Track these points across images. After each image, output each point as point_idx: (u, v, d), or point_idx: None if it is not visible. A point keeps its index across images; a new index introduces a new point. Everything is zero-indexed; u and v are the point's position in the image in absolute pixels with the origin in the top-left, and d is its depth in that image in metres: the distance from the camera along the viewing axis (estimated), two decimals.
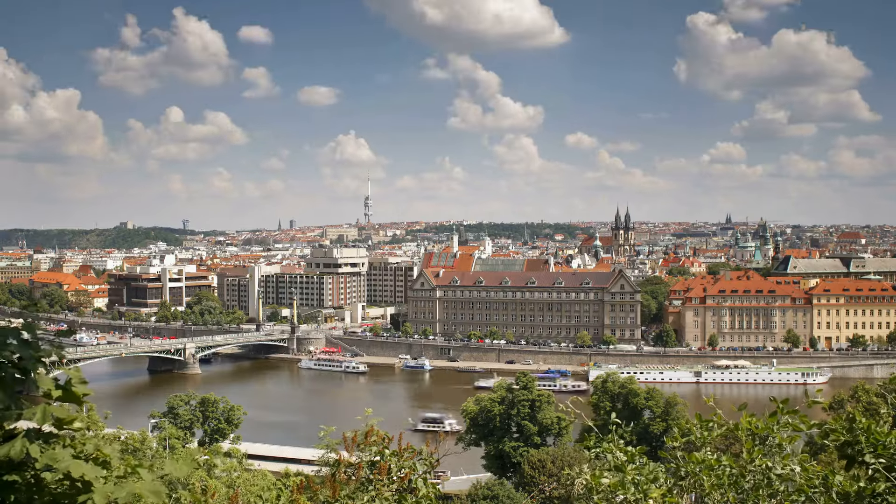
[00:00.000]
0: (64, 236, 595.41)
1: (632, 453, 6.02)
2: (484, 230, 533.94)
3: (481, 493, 53.49)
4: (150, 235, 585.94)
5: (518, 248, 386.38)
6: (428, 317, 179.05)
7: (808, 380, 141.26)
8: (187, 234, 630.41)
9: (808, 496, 5.25)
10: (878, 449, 5.14)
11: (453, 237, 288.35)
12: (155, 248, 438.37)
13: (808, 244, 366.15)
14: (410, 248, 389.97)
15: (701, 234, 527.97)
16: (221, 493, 15.74)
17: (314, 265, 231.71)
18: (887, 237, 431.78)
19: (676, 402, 70.49)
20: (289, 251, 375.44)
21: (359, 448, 6.89)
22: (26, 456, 3.46)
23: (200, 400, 79.81)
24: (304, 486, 6.82)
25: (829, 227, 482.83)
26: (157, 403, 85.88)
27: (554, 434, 68.60)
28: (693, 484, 5.71)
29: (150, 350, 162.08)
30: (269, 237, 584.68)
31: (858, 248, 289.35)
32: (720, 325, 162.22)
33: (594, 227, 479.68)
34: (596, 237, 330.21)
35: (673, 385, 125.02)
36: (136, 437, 41.66)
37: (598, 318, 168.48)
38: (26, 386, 3.72)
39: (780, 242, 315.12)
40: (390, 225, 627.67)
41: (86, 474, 3.46)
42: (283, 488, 24.54)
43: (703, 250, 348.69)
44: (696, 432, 5.97)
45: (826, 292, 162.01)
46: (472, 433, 69.82)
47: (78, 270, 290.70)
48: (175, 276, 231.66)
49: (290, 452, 79.25)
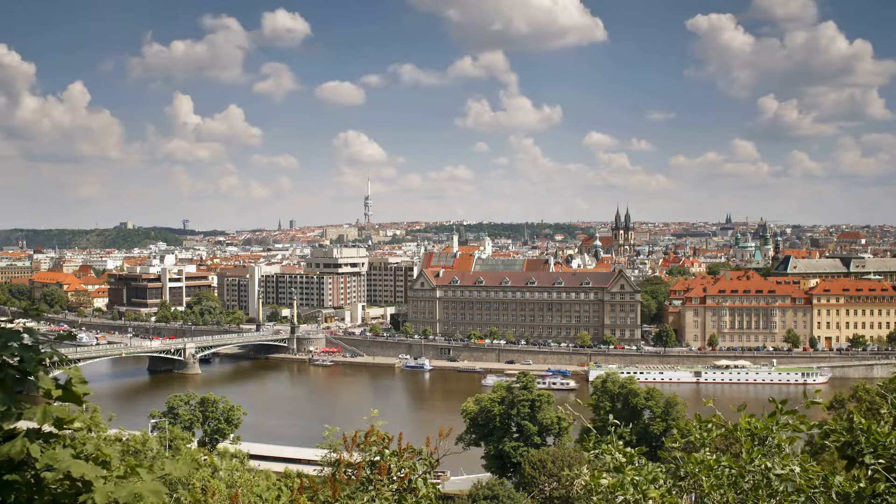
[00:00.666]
0: (64, 236, 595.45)
1: (631, 454, 6.02)
2: (484, 230, 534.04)
3: (481, 493, 53.49)
4: (150, 235, 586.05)
5: (518, 248, 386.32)
6: (428, 317, 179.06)
7: (808, 380, 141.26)
8: (187, 234, 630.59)
9: (807, 496, 5.25)
10: (878, 449, 5.15)
11: (453, 237, 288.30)
12: (155, 248, 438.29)
13: (808, 244, 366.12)
14: (410, 248, 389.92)
15: (701, 234, 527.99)
16: (222, 492, 15.73)
17: (314, 265, 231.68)
18: (887, 237, 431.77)
19: (676, 403, 70.47)
20: (289, 251, 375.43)
21: (359, 448, 6.90)
22: (27, 456, 3.47)
23: (200, 400, 79.77)
24: (305, 487, 6.83)
25: (829, 226, 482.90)
26: (158, 403, 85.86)
27: (554, 434, 68.59)
28: (692, 484, 5.72)
29: (150, 350, 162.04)
30: (269, 237, 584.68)
31: (858, 248, 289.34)
32: (720, 325, 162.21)
33: (594, 227, 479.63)
34: (596, 237, 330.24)
35: (673, 385, 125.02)
36: (137, 438, 41.61)
37: (598, 318, 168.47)
38: (27, 386, 3.72)
39: (780, 242, 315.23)
40: (390, 225, 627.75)
41: (86, 474, 3.46)
42: (283, 488, 24.52)
43: (703, 250, 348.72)
44: (696, 433, 5.97)
45: (826, 292, 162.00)
46: (472, 433, 69.76)
47: (78, 270, 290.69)
48: (175, 276, 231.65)
49: (290, 452, 79.27)
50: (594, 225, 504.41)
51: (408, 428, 26.75)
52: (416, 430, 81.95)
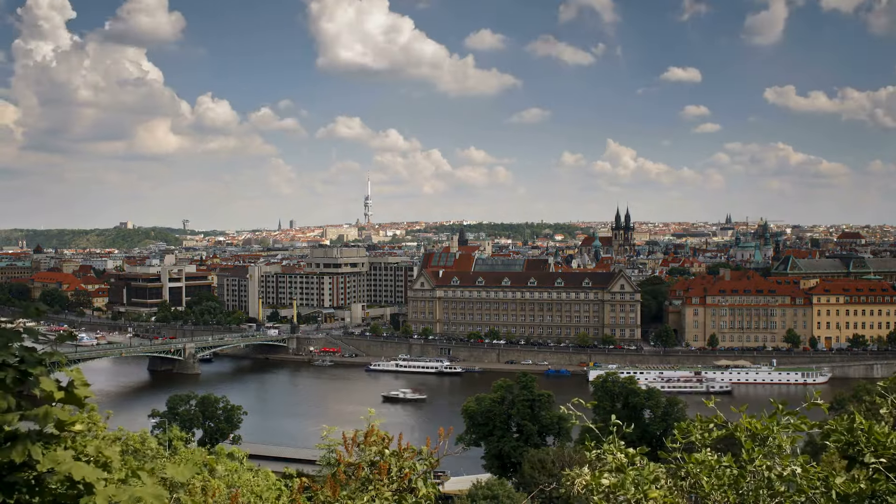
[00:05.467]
0: (64, 236, 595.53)
1: (632, 454, 6.01)
2: (484, 230, 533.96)
3: (481, 493, 53.42)
4: (150, 235, 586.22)
5: (518, 248, 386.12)
6: (428, 317, 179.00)
7: (807, 380, 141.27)
8: (187, 234, 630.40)
9: (808, 497, 5.24)
10: (878, 449, 5.14)
11: (453, 237, 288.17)
12: (155, 248, 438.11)
13: (808, 244, 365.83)
14: (410, 248, 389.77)
15: (701, 234, 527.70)
16: (222, 492, 15.70)
17: (314, 265, 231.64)
18: (887, 237, 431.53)
19: (676, 402, 70.50)
20: (289, 251, 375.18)
21: (359, 448, 6.89)
22: (28, 458, 3.46)
23: (200, 400, 79.79)
24: (305, 487, 6.82)
25: (829, 226, 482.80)
26: (158, 403, 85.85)
27: (554, 434, 68.54)
28: (693, 485, 5.71)
29: (150, 350, 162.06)
30: (269, 237, 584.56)
31: (858, 248, 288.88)
32: (720, 325, 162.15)
33: (594, 227, 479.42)
34: (596, 237, 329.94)
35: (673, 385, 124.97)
36: (137, 438, 41.61)
37: (598, 318, 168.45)
38: (27, 387, 3.72)
39: (780, 242, 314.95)
40: (390, 225, 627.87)
41: (87, 476, 3.46)
42: (283, 488, 24.51)
43: (703, 250, 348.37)
44: (696, 433, 5.97)
45: (826, 292, 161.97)
46: (472, 433, 69.69)
47: (78, 270, 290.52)
48: (175, 276, 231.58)
49: (290, 452, 79.24)
50: (594, 225, 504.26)
51: (408, 428, 26.67)
52: (418, 430, 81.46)
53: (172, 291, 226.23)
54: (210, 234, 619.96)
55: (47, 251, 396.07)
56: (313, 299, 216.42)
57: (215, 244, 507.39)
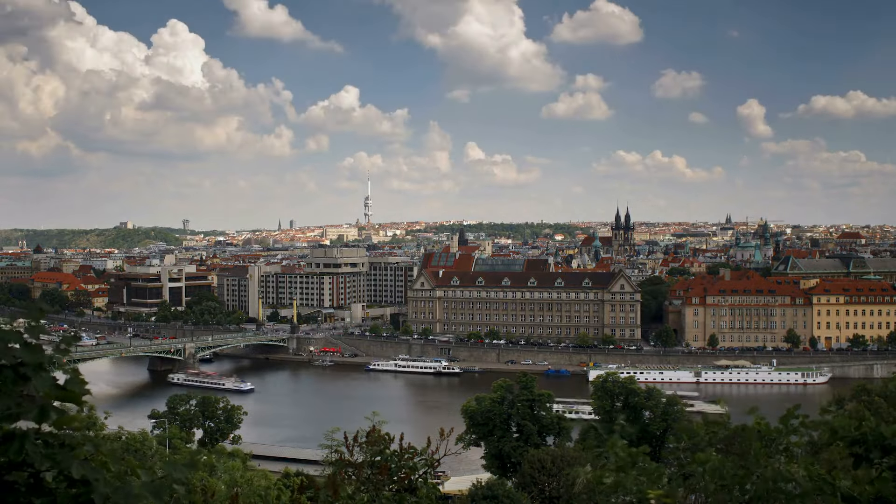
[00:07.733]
0: (64, 236, 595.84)
1: (634, 453, 5.98)
2: (484, 230, 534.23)
3: (481, 493, 53.42)
4: (150, 235, 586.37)
5: (518, 248, 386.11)
6: (428, 317, 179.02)
7: (807, 380, 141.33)
8: (187, 234, 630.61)
9: (813, 497, 5.21)
10: (885, 447, 5.11)
11: (453, 237, 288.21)
12: (155, 248, 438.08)
13: (808, 244, 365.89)
14: (410, 248, 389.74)
15: (701, 234, 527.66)
16: (222, 492, 15.70)
17: (314, 265, 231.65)
18: (887, 237, 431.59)
19: (677, 402, 70.40)
20: (289, 251, 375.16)
21: (360, 448, 6.87)
22: (26, 456, 3.43)
23: (200, 400, 79.78)
24: (306, 486, 6.80)
25: (829, 226, 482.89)
26: (158, 403, 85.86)
27: (554, 434, 68.50)
28: (697, 484, 5.68)
29: (150, 350, 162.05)
30: (269, 237, 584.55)
31: (858, 248, 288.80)
32: (720, 325, 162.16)
33: (594, 227, 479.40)
34: (596, 237, 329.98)
35: (673, 385, 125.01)
36: (137, 437, 41.59)
37: (598, 318, 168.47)
38: (27, 386, 3.69)
39: (780, 242, 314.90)
40: (390, 225, 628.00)
41: (85, 475, 3.43)
42: (283, 488, 24.52)
43: (703, 250, 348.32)
44: (702, 433, 5.94)
45: (826, 292, 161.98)
46: (472, 433, 69.65)
47: (78, 270, 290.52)
48: (175, 276, 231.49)
49: (290, 452, 79.26)
50: (594, 225, 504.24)
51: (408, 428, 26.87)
52: (417, 431, 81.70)
53: (172, 291, 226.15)
54: (210, 234, 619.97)
55: (47, 251, 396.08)
56: (313, 299, 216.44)
57: (215, 244, 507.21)
